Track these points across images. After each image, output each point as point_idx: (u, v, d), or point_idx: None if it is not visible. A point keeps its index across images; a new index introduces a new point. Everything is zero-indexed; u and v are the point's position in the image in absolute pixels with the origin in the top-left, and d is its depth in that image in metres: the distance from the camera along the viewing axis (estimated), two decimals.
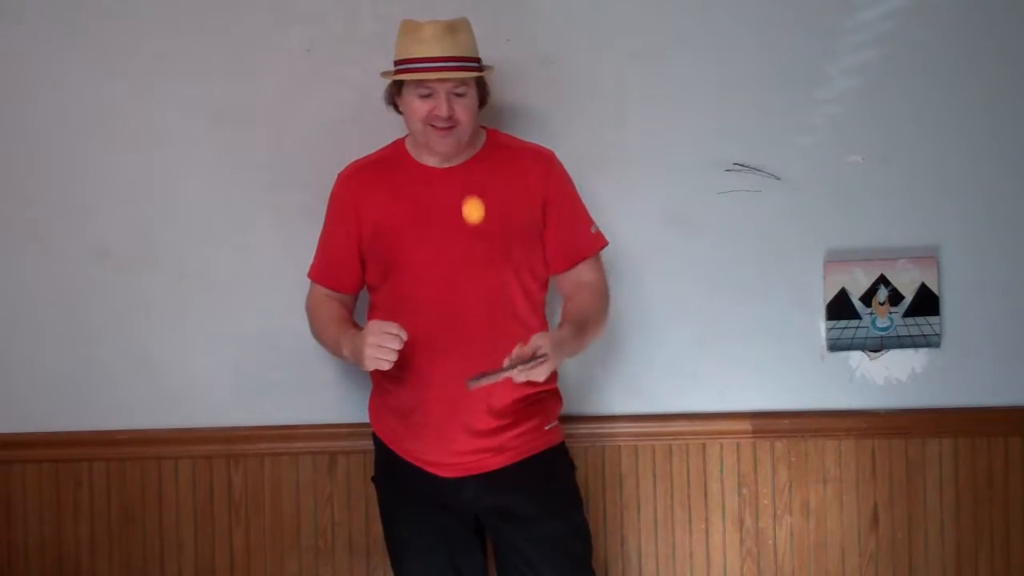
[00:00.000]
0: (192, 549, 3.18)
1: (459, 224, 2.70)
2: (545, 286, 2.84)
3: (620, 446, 3.16)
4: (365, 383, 3.07)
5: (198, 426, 3.17)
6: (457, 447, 2.72)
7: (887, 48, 3.13)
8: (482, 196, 2.72)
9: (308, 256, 2.96)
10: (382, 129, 3.09)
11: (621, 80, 3.14)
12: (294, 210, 3.13)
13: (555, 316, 2.88)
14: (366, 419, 3.01)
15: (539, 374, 2.53)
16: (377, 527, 3.10)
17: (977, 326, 3.16)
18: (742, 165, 3.14)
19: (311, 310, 2.88)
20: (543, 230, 2.78)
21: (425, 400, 2.72)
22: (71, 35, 3.16)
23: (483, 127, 2.83)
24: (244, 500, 3.18)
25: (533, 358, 2.51)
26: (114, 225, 3.18)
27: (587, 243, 2.83)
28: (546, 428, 2.81)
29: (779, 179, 3.14)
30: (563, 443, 2.88)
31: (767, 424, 3.16)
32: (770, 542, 3.17)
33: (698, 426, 3.16)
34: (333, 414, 3.16)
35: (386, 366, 2.57)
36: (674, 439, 3.16)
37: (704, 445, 3.17)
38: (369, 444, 2.97)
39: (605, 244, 2.86)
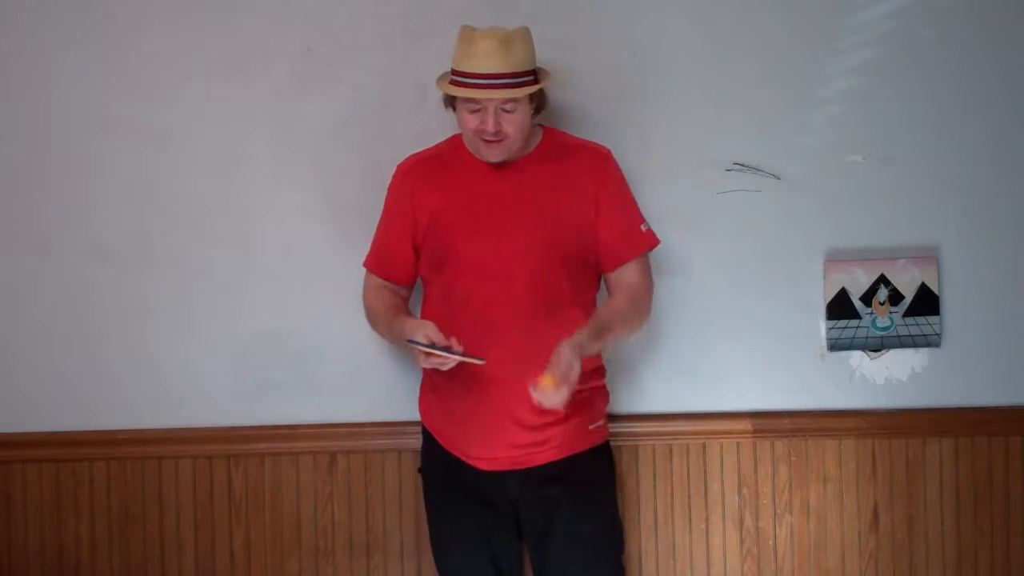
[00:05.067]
0: (192, 549, 3.18)
1: (513, 219, 2.73)
2: (597, 283, 2.87)
3: (620, 446, 3.14)
4: (367, 383, 3.10)
5: (198, 426, 3.17)
6: (502, 441, 2.74)
7: (887, 48, 3.13)
8: (537, 192, 2.76)
9: (309, 256, 2.96)
10: (383, 129, 3.10)
11: (620, 80, 3.14)
12: (294, 210, 3.14)
13: None
14: (366, 419, 3.03)
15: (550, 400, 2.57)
16: (377, 526, 3.13)
17: (977, 326, 3.15)
18: (742, 165, 3.14)
19: (367, 300, 2.91)
20: (596, 228, 2.80)
21: (474, 393, 2.74)
22: (71, 35, 3.16)
23: (540, 125, 2.85)
24: (244, 500, 3.17)
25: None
26: (114, 225, 3.18)
27: (634, 244, 2.84)
28: (590, 427, 2.83)
29: (779, 179, 3.14)
30: (607, 442, 2.89)
31: (767, 424, 3.15)
32: (770, 542, 3.17)
33: (698, 426, 3.16)
34: (333, 414, 3.16)
35: (445, 368, 2.60)
36: (674, 439, 3.16)
37: (704, 445, 3.17)
38: (368, 444, 3.03)
39: (655, 244, 2.87)
